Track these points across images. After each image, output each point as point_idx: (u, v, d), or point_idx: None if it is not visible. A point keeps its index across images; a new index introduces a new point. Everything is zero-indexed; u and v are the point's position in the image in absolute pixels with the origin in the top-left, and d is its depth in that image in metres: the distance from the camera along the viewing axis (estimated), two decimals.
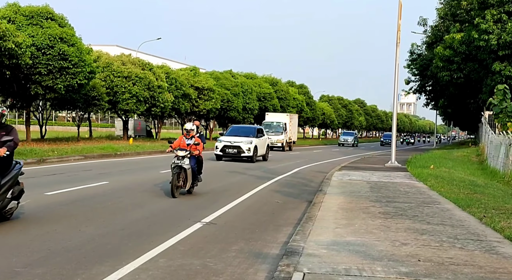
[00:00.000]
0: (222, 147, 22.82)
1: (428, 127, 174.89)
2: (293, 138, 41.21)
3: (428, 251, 6.33)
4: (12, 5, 23.58)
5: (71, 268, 5.55)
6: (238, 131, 24.52)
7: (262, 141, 24.19)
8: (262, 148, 24.19)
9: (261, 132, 25.08)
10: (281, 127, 37.64)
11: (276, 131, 37.28)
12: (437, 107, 51.79)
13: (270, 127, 37.06)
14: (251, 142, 22.89)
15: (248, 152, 22.56)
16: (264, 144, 24.69)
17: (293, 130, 41.93)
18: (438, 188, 13.00)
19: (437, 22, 39.35)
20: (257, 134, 24.13)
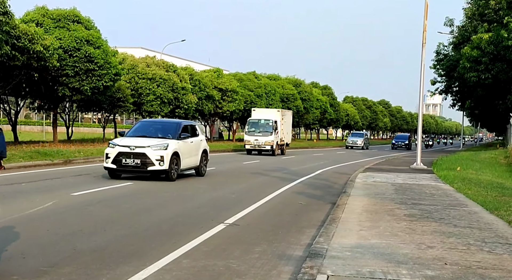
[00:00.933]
0: (116, 156, 13.77)
1: (454, 129, 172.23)
2: (286, 139, 34.05)
3: (455, 255, 6.21)
4: (41, 8, 24.05)
5: (96, 268, 5.61)
6: (147, 129, 15.43)
7: (191, 145, 15.33)
8: (192, 156, 15.42)
9: (190, 131, 15.78)
10: (270, 126, 30.77)
11: (265, 131, 30.73)
12: (464, 108, 50.92)
13: (256, 126, 30.97)
14: (167, 147, 13.95)
15: (159, 163, 13.72)
16: (196, 150, 15.73)
17: (286, 130, 34.66)
18: (465, 191, 12.76)
19: (464, 22, 38.67)
20: (181, 133, 14.99)
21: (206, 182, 14.45)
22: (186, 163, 14.96)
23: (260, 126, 30.92)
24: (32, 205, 9.12)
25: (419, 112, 23.21)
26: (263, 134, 30.41)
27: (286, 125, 34.42)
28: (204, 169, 16.18)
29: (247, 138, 30.96)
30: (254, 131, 30.42)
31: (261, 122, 31.17)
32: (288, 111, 38.07)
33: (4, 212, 8.17)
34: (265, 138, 30.36)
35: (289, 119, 35.87)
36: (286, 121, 34.21)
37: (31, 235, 6.96)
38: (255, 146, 30.21)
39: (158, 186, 13.01)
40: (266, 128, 30.79)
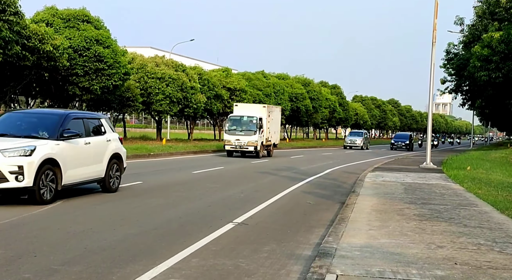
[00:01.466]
0: None
1: (464, 128, 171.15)
2: (273, 139, 29.51)
3: (465, 255, 6.18)
4: (50, 8, 24.21)
5: (106, 266, 5.64)
6: (14, 124, 10.50)
7: (86, 148, 10.57)
8: (88, 165, 10.60)
9: (86, 126, 10.84)
10: (254, 123, 26.36)
11: (247, 129, 26.34)
12: (474, 107, 50.57)
13: (238, 124, 26.80)
14: (31, 152, 9.07)
15: (16, 178, 8.81)
16: (98, 155, 10.97)
17: (274, 128, 30.10)
18: (475, 190, 12.69)
19: (474, 21, 38.41)
20: (65, 130, 10.03)
21: None
22: (75, 174, 10.05)
23: (242, 124, 26.66)
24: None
25: (429, 111, 23.09)
26: (245, 133, 26.09)
27: (274, 123, 30.02)
28: (115, 182, 11.43)
29: (227, 137, 26.43)
30: (235, 130, 26.35)
31: (243, 119, 26.81)
32: (276, 107, 32.57)
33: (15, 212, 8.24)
34: (248, 138, 25.96)
35: (277, 116, 31.60)
36: (273, 119, 29.78)
37: (42, 234, 7.01)
38: (236, 147, 25.94)
39: (167, 185, 13.05)
40: (249, 126, 26.41)
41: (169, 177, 15.05)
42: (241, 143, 25.89)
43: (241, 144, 25.88)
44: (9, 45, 17.19)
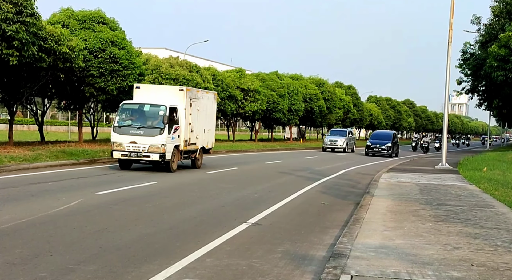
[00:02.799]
0: None
1: (481, 129, 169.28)
2: (202, 140, 18.95)
3: (482, 256, 6.10)
4: (66, 10, 24.43)
5: (122, 265, 5.68)
6: None
7: None
8: None
9: None
10: (161, 116, 16.28)
11: (149, 126, 16.38)
12: (490, 107, 49.99)
13: (136, 117, 16.73)
14: None
15: None
16: None
17: (202, 124, 19.11)
18: (492, 191, 12.54)
19: (491, 20, 37.97)
20: None
21: None
22: None
23: (142, 117, 16.56)
24: (58, 204, 9.27)
25: (445, 112, 22.88)
26: (146, 132, 16.04)
27: (202, 116, 18.85)
28: None
29: (116, 138, 16.34)
30: (130, 126, 16.31)
31: (144, 109, 16.60)
32: (205, 92, 20.38)
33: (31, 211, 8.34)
34: (149, 140, 15.89)
35: (208, 106, 19.84)
36: (201, 109, 18.60)
37: (58, 233, 7.08)
38: (130, 154, 15.94)
39: (181, 185, 13.10)
40: (153, 120, 16.38)
41: (182, 177, 15.11)
42: (139, 148, 15.85)
43: (139, 149, 15.85)
44: (26, 46, 17.38)
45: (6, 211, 8.42)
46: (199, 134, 18.58)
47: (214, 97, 21.19)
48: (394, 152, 35.01)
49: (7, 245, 6.30)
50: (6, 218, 7.81)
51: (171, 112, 16.59)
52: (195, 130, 18.16)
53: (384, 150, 34.36)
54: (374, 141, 35.49)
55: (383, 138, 36.35)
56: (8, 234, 6.88)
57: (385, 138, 36.22)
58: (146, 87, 18.78)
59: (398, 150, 37.17)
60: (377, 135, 38.05)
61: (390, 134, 37.42)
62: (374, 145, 34.86)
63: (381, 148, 34.40)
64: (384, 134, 38.37)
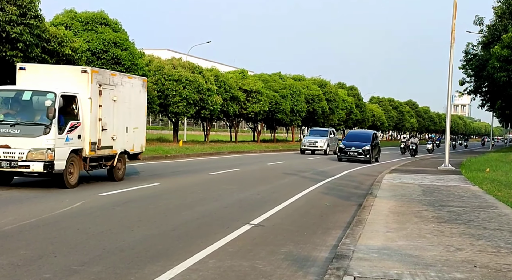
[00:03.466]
0: None
1: (483, 129, 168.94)
2: (120, 142, 13.81)
3: (485, 257, 6.10)
4: (69, 11, 24.52)
5: (125, 267, 5.70)
6: None
7: None
8: None
9: None
10: (46, 107, 11.04)
11: (30, 122, 11.33)
12: (493, 108, 49.92)
13: (16, 107, 11.76)
14: None
15: None
16: None
17: (123, 120, 13.86)
18: (495, 192, 12.52)
19: (494, 21, 37.93)
20: None
21: None
22: None
23: (20, 110, 11.77)
24: (62, 205, 9.30)
25: (447, 113, 22.87)
26: (22, 130, 11.22)
27: (124, 110, 13.96)
28: None
29: None
30: (0, 123, 11.34)
31: (23, 97, 11.72)
32: (128, 77, 14.88)
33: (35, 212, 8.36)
34: (28, 142, 11.14)
35: (134, 96, 14.57)
36: (120, 100, 13.67)
37: (61, 234, 7.10)
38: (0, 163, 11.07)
39: (183, 186, 13.12)
40: (35, 114, 11.65)
41: (185, 179, 15.13)
42: (13, 155, 11.06)
43: (13, 157, 11.06)
44: (30, 48, 17.46)
45: (9, 212, 8.46)
46: (117, 134, 13.48)
47: (142, 84, 15.10)
48: (373, 156, 28.02)
49: (11, 246, 6.33)
50: (10, 220, 7.85)
51: (67, 103, 11.73)
52: (110, 128, 13.09)
53: (360, 154, 27.08)
54: (348, 143, 28.21)
55: (360, 139, 28.78)
56: (12, 235, 6.91)
57: (363, 139, 28.75)
58: (34, 68, 13.17)
59: (379, 153, 29.83)
60: (353, 135, 30.69)
61: (369, 134, 29.89)
62: (348, 147, 27.62)
63: (357, 152, 27.21)
64: (362, 134, 31.02)
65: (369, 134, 29.92)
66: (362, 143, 28.00)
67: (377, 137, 31.25)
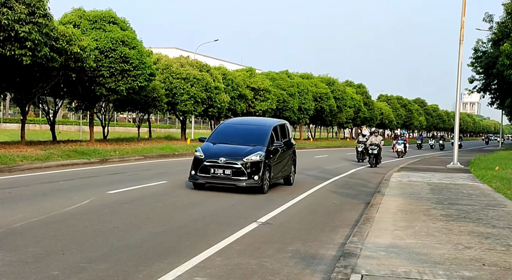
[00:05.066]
0: None
1: (493, 127, 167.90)
2: None
3: (494, 256, 6.06)
4: (77, 10, 24.59)
5: (133, 264, 5.71)
6: None
7: None
8: None
9: None
10: None
11: None
12: (503, 106, 49.55)
13: None
14: None
15: None
16: None
17: None
18: (504, 191, 12.43)
19: (504, 18, 37.59)
20: None
21: None
22: None
23: None
24: (70, 203, 9.35)
25: (456, 111, 22.74)
26: None
27: None
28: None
29: None
30: None
31: None
32: None
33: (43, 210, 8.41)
34: None
35: None
36: None
37: (70, 232, 7.14)
38: None
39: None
40: None
41: None
42: None
43: None
44: (38, 47, 17.53)
45: (18, 210, 8.51)
46: None
47: None
48: (276, 176, 13.11)
49: (20, 243, 6.37)
50: (19, 217, 7.90)
51: None
52: None
53: (238, 173, 11.83)
54: (215, 150, 12.42)
55: (243, 139, 12.89)
56: (21, 232, 6.96)
57: (250, 139, 12.95)
58: None
59: (293, 167, 14.61)
60: (230, 130, 13.64)
61: (265, 128, 13.32)
62: (212, 159, 12.05)
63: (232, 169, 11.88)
64: (250, 128, 13.80)
65: (266, 128, 13.37)
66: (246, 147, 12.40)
67: (289, 132, 14.94)
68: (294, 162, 14.68)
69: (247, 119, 16.04)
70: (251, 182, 11.70)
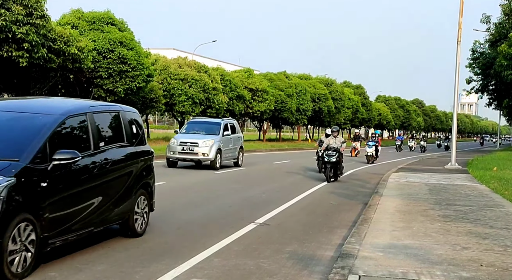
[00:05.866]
0: None
1: (490, 128, 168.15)
2: None
3: (491, 256, 6.06)
4: (76, 11, 24.60)
5: (130, 265, 5.70)
6: None
7: None
8: None
9: None
10: None
11: None
12: (501, 107, 49.64)
13: None
14: None
15: None
16: None
17: None
18: (502, 191, 12.45)
19: (501, 19, 37.69)
20: None
21: None
22: None
23: None
24: None
25: (454, 111, 22.77)
26: None
27: None
28: None
29: None
30: None
31: None
32: None
33: None
34: None
35: None
36: None
37: None
38: None
39: (189, 185, 13.13)
40: None
41: (191, 178, 15.14)
42: None
43: None
44: (36, 48, 17.52)
45: None
46: None
47: None
48: None
49: None
50: None
51: None
52: None
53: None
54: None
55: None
56: None
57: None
58: None
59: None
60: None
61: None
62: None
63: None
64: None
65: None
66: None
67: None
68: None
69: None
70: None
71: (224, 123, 19.31)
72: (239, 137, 20.37)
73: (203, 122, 20.21)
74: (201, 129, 19.18)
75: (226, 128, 19.17)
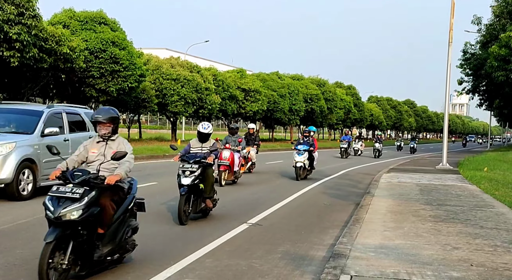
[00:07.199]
0: None
1: (481, 128, 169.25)
2: None
3: (481, 256, 6.11)
4: (68, 10, 24.50)
5: (121, 266, 5.69)
6: None
7: None
8: None
9: None
10: None
11: None
12: (491, 107, 49.99)
13: None
14: None
15: None
16: None
17: None
18: (492, 191, 12.54)
19: (492, 21, 37.97)
20: None
21: None
22: None
23: None
24: None
25: (445, 112, 22.89)
26: None
27: None
28: None
29: None
30: None
31: None
32: None
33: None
34: None
35: None
36: None
37: None
38: None
39: None
40: None
41: None
42: None
43: None
44: (27, 48, 17.43)
45: (7, 211, 8.44)
46: None
47: None
48: None
49: (8, 245, 6.33)
50: (7, 219, 7.84)
51: None
52: None
53: None
54: None
55: None
56: (8, 234, 6.90)
57: None
58: None
59: None
60: None
61: None
62: None
63: None
64: None
65: None
66: None
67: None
68: None
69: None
70: None
71: (53, 112, 11.11)
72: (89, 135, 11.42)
73: (10, 110, 11.39)
74: (5, 122, 10.95)
75: (54, 122, 10.96)
